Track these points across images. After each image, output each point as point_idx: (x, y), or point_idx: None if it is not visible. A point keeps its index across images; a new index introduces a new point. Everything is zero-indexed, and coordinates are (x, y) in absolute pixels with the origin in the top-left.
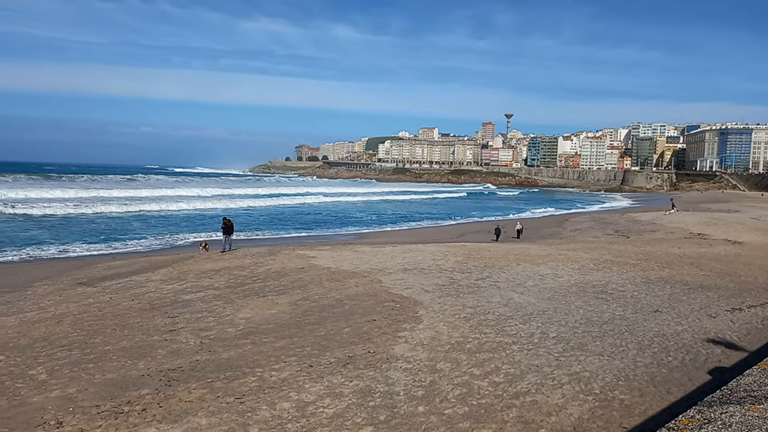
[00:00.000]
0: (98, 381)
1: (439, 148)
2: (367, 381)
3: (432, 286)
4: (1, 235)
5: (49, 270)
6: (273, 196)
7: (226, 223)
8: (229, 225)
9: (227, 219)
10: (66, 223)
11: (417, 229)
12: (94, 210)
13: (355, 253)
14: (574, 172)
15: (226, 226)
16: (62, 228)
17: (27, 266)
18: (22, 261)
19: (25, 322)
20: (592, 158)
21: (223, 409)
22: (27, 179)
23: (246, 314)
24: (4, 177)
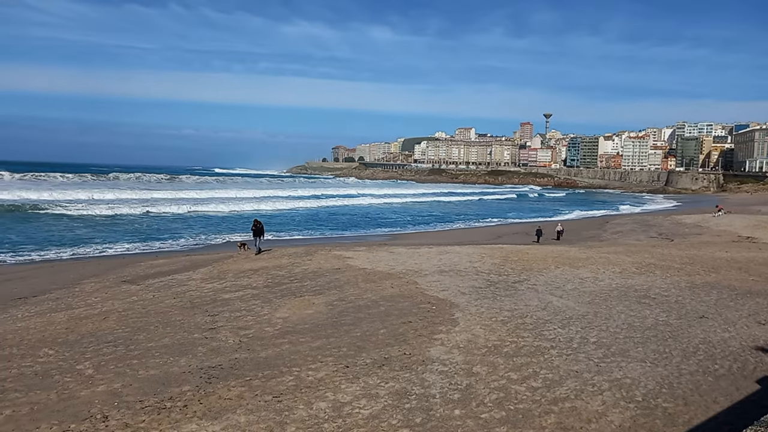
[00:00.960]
0: (142, 377)
1: (476, 148)
2: (403, 383)
3: (468, 289)
4: (51, 234)
5: (96, 268)
6: (308, 198)
7: (257, 225)
8: (259, 227)
9: (258, 221)
10: (112, 222)
11: (453, 231)
12: (140, 210)
13: (391, 255)
14: (615, 173)
15: (257, 228)
16: (108, 227)
17: (75, 264)
18: (70, 259)
19: (74, 318)
20: (634, 159)
21: (261, 408)
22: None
23: (283, 314)
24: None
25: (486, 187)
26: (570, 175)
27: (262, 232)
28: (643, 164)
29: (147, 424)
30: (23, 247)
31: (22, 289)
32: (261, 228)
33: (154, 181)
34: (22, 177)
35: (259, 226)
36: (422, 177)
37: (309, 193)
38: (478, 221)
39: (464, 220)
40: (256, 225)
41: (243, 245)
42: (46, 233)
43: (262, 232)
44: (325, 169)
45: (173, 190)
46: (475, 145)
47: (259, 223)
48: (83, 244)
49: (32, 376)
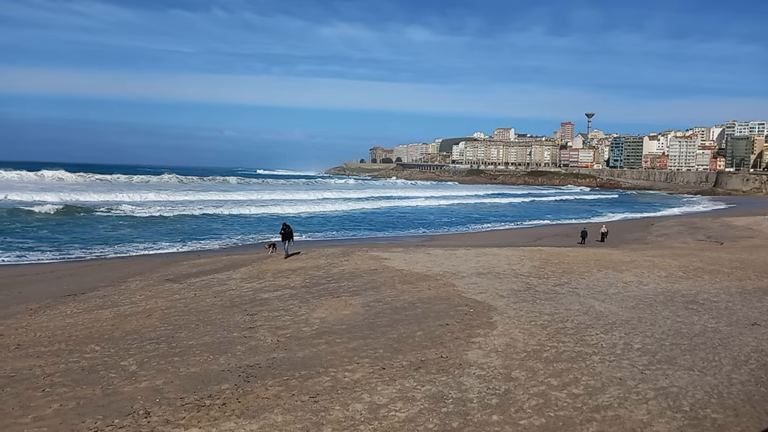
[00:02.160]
0: (183, 374)
1: (516, 149)
2: (440, 386)
3: (507, 291)
4: (100, 234)
5: (140, 266)
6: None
7: (286, 228)
8: (288, 230)
9: (287, 224)
10: (156, 223)
11: (491, 232)
12: (185, 211)
13: (428, 256)
14: (660, 174)
15: (286, 231)
16: (152, 227)
17: (121, 262)
18: (117, 257)
19: (119, 315)
20: (681, 159)
21: (298, 408)
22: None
23: (320, 314)
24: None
25: (525, 188)
26: (613, 175)
27: (291, 236)
28: (690, 165)
29: (187, 421)
30: (73, 245)
31: (72, 286)
32: (290, 231)
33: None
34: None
35: (287, 230)
36: (460, 178)
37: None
38: (516, 222)
39: (503, 222)
40: (284, 228)
41: (272, 246)
42: (95, 233)
43: (291, 236)
44: (362, 170)
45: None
46: (514, 146)
47: (287, 226)
48: (129, 243)
49: (79, 371)
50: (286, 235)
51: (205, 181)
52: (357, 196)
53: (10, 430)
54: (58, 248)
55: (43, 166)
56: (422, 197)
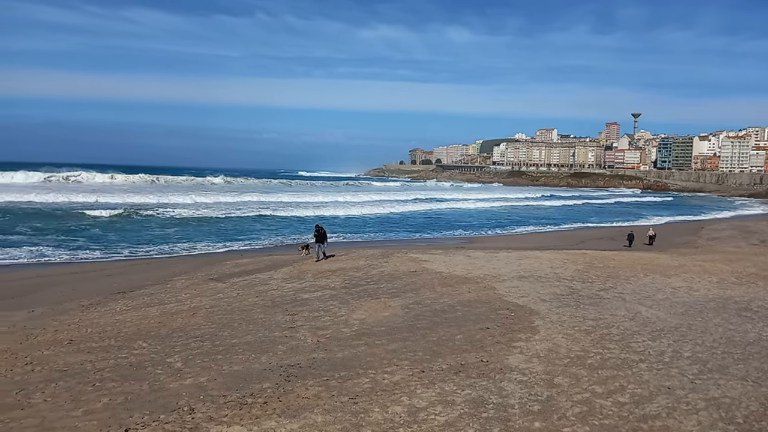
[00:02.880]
0: (226, 372)
1: (558, 149)
2: (480, 391)
3: (549, 296)
4: (145, 234)
5: (186, 265)
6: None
7: (319, 230)
8: (322, 233)
9: (320, 227)
10: (200, 223)
11: (533, 234)
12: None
13: (468, 258)
14: (711, 176)
15: (319, 233)
16: (196, 228)
17: (168, 261)
18: (164, 256)
19: (165, 313)
20: (733, 160)
21: (338, 408)
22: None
23: (360, 315)
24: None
25: (568, 190)
26: (661, 177)
27: (325, 238)
28: (743, 166)
29: (229, 419)
30: (122, 244)
31: (121, 284)
32: (323, 233)
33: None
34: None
35: (321, 232)
36: (501, 179)
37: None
38: (559, 225)
39: (545, 224)
40: (318, 230)
41: (305, 248)
42: (142, 233)
43: (324, 238)
44: (402, 171)
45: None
46: (556, 147)
47: (321, 228)
48: (174, 243)
49: (127, 367)
50: (319, 237)
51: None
52: (395, 198)
53: (62, 422)
54: (108, 247)
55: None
56: (462, 199)
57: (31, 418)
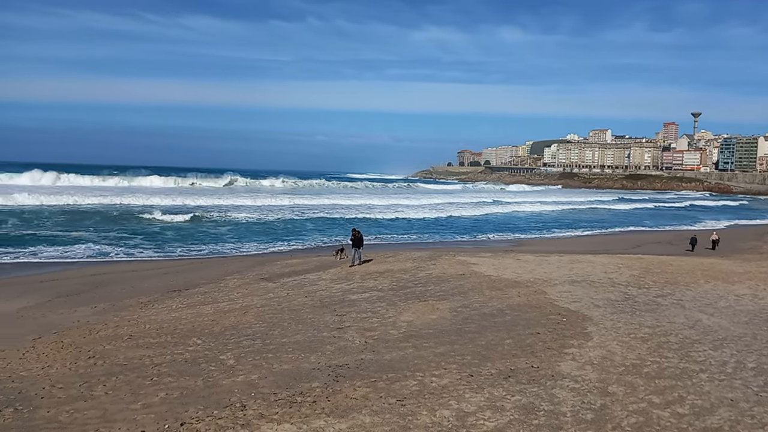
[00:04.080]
0: (276, 370)
1: (613, 150)
2: (530, 397)
3: (603, 301)
4: (201, 235)
5: (238, 265)
6: (433, 205)
7: (356, 234)
8: (358, 237)
9: (357, 230)
10: (252, 224)
11: (585, 238)
12: (281, 215)
13: (518, 262)
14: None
15: (356, 238)
16: (248, 229)
17: (220, 261)
18: (216, 256)
19: (219, 311)
20: None
21: (385, 410)
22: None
23: (407, 317)
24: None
25: (623, 193)
26: (722, 179)
27: (361, 242)
28: None
29: (279, 417)
30: (177, 243)
31: (177, 282)
32: (360, 237)
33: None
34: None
35: (358, 236)
36: (552, 181)
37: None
38: (613, 228)
39: (598, 227)
40: (354, 234)
41: (340, 251)
42: (198, 233)
43: (361, 242)
44: (450, 173)
45: (308, 195)
46: (611, 148)
47: (358, 232)
48: (227, 243)
49: (183, 362)
50: (356, 241)
51: (299, 185)
52: (442, 201)
53: (122, 415)
54: (165, 247)
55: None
56: (511, 202)
57: (94, 410)
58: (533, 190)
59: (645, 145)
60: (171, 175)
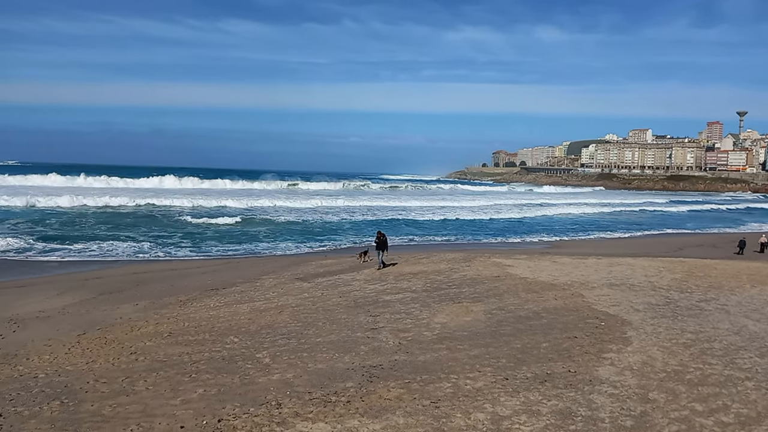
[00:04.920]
0: (311, 369)
1: (653, 151)
2: (567, 402)
3: (643, 305)
4: (238, 235)
5: (273, 265)
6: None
7: (380, 237)
8: (383, 240)
9: (381, 233)
10: (288, 225)
11: (624, 240)
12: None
13: (554, 264)
14: None
15: (380, 240)
16: (284, 230)
17: (256, 261)
18: (252, 256)
19: (255, 310)
20: None
21: (419, 411)
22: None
23: (441, 319)
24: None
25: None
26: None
27: (386, 245)
28: None
29: (314, 415)
30: (215, 243)
31: (214, 281)
32: (384, 240)
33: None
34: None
35: (382, 239)
36: (590, 182)
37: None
38: (653, 230)
39: (637, 230)
40: (379, 237)
41: (363, 254)
42: (235, 234)
43: (385, 245)
44: (484, 174)
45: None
46: (651, 148)
47: (383, 235)
48: (262, 243)
49: (220, 360)
50: (380, 244)
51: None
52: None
53: (162, 410)
54: (202, 246)
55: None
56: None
57: (135, 404)
58: (571, 192)
59: (687, 145)
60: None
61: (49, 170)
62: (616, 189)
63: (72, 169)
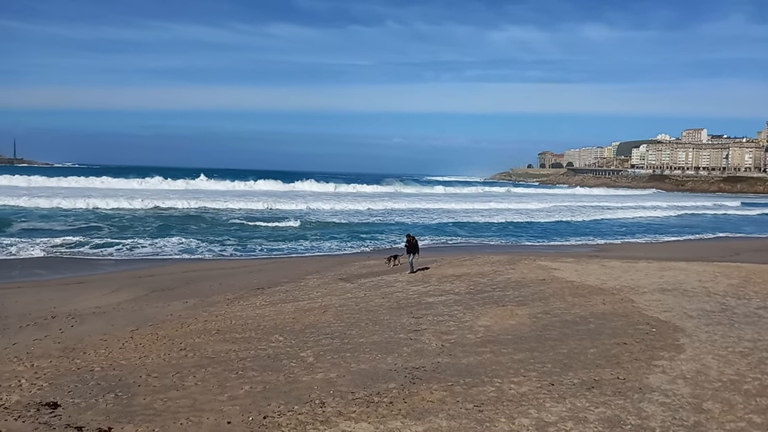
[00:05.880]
0: (354, 369)
1: (708, 151)
2: (616, 410)
3: (697, 312)
4: (282, 236)
5: (317, 265)
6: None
7: (411, 240)
8: (413, 242)
9: (411, 236)
10: (331, 226)
11: (677, 244)
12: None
13: (603, 268)
14: None
15: (411, 244)
16: (329, 230)
17: (300, 261)
18: (296, 256)
19: (299, 309)
20: None
21: (462, 415)
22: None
23: (485, 322)
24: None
25: (721, 197)
26: None
27: (417, 248)
28: None
29: (357, 415)
30: (261, 243)
31: (260, 281)
32: (415, 243)
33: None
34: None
35: (413, 242)
36: (640, 183)
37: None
38: (708, 234)
39: (691, 233)
40: (409, 241)
41: (392, 258)
42: (278, 234)
43: (416, 249)
44: (530, 175)
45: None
46: (706, 148)
47: (413, 238)
48: (305, 242)
49: (266, 358)
50: (411, 247)
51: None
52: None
53: (210, 405)
54: (248, 246)
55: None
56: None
57: (185, 399)
58: (623, 194)
59: (746, 145)
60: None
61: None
62: (669, 191)
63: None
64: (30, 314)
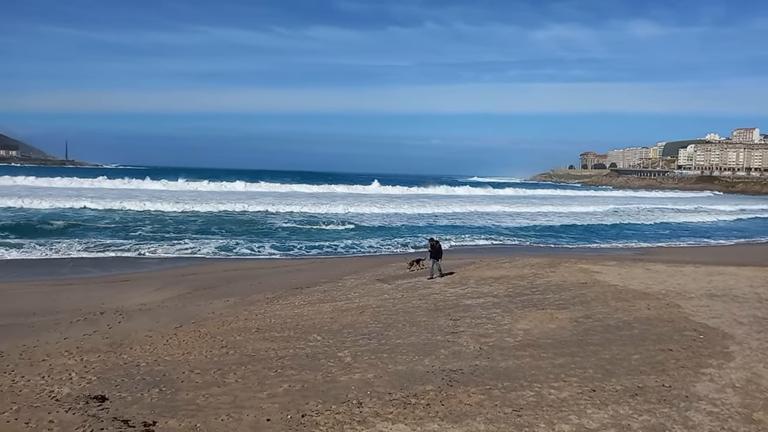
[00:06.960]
0: (391, 370)
1: (761, 151)
2: (661, 418)
3: (748, 318)
4: (320, 237)
5: (354, 266)
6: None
7: (434, 245)
8: (436, 247)
9: (435, 240)
10: (369, 229)
11: (726, 248)
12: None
13: (647, 272)
14: None
15: (434, 248)
16: (368, 232)
17: (338, 261)
18: (334, 257)
19: (337, 309)
20: None
21: (501, 419)
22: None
23: (524, 325)
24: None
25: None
26: None
27: (440, 253)
28: None
29: (394, 416)
30: (304, 242)
31: (299, 280)
32: (439, 248)
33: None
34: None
35: (436, 246)
36: (687, 185)
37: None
38: (759, 238)
39: (741, 237)
40: (433, 245)
41: (414, 262)
42: (316, 236)
43: (440, 253)
44: (571, 176)
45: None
46: (759, 148)
47: (436, 242)
48: (346, 243)
49: (304, 357)
50: (434, 252)
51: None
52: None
53: (250, 402)
54: (286, 245)
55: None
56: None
57: (226, 396)
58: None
59: None
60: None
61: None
62: (718, 192)
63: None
64: (80, 310)
